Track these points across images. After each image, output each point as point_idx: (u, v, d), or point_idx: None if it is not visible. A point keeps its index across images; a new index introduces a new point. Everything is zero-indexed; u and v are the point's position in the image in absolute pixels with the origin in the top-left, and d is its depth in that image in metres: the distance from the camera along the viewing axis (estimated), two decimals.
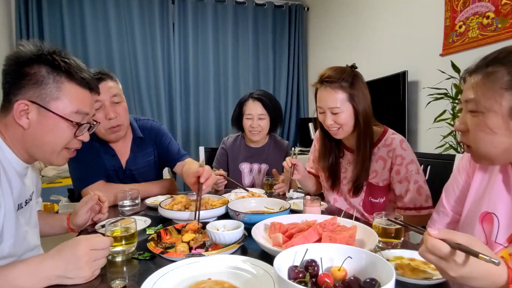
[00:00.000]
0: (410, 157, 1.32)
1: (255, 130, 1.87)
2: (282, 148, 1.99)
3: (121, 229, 0.89)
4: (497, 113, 0.74)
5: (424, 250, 0.62)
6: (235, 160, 1.97)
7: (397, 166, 1.32)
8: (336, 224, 0.93)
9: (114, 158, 1.53)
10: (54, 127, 0.87)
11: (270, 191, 1.64)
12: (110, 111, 1.40)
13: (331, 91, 1.31)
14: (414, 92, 2.66)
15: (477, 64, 0.79)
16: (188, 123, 4.23)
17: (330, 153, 1.49)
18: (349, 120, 1.33)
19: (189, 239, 0.92)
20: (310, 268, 0.63)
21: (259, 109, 1.86)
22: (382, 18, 3.08)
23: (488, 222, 0.84)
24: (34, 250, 0.98)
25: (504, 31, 1.99)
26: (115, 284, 0.69)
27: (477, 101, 0.76)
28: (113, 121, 1.41)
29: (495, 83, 0.73)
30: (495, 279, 0.60)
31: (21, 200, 0.89)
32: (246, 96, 1.94)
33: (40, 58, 0.86)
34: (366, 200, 1.39)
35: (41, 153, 0.90)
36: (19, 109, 0.83)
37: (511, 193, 0.82)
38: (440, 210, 1.03)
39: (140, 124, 1.63)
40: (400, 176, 1.31)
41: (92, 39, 3.75)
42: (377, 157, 1.37)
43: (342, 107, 1.31)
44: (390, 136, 1.37)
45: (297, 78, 4.59)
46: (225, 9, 4.25)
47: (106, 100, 1.40)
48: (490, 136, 0.76)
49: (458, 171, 1.00)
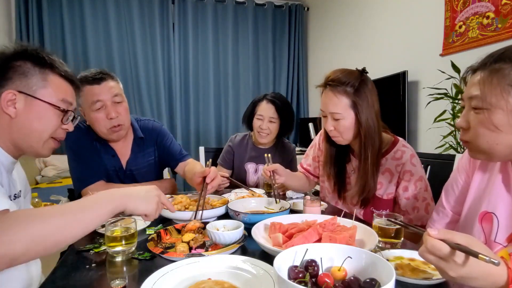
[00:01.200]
0: (419, 173, 1.25)
1: (263, 132, 1.86)
2: (289, 151, 1.99)
3: (121, 229, 0.89)
4: (503, 110, 0.73)
5: (423, 250, 0.62)
6: (241, 159, 1.97)
7: (405, 183, 1.25)
8: (336, 224, 0.93)
9: (114, 158, 1.53)
10: (42, 114, 0.90)
11: (270, 191, 1.64)
12: (111, 111, 1.40)
13: (334, 96, 1.23)
14: (414, 92, 2.66)
15: (482, 62, 0.78)
16: (188, 123, 4.23)
17: (336, 160, 1.40)
18: (350, 128, 1.25)
19: (189, 239, 0.92)
20: (310, 268, 0.63)
21: (271, 111, 1.84)
22: (382, 18, 3.08)
23: (488, 222, 0.84)
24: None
25: (504, 31, 1.99)
26: (115, 284, 0.69)
27: (483, 98, 0.75)
28: (114, 120, 1.41)
29: (503, 80, 0.72)
30: (495, 279, 0.60)
31: (10, 193, 0.89)
32: (261, 96, 1.92)
33: (25, 53, 0.89)
34: (368, 211, 1.33)
35: (28, 142, 0.90)
36: (6, 99, 0.85)
37: (511, 193, 0.82)
38: (440, 210, 1.03)
39: (141, 124, 1.63)
40: (408, 194, 1.25)
41: (92, 39, 3.75)
42: (384, 169, 1.29)
43: (344, 113, 1.23)
44: (400, 148, 1.29)
45: (297, 78, 4.60)
46: (225, 9, 4.25)
47: (108, 100, 1.40)
48: (494, 134, 0.75)
49: (457, 171, 0.99)
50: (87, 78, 1.40)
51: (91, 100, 1.38)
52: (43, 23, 3.60)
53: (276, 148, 1.98)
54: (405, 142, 1.32)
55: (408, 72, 2.60)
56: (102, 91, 1.39)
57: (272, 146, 1.98)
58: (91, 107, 1.39)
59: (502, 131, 0.74)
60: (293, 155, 2.00)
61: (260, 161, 1.95)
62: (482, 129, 0.77)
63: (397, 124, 2.61)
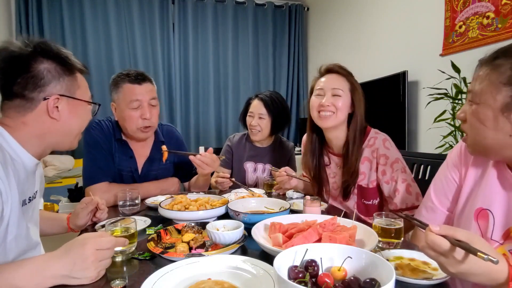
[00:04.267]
0: (394, 155, 1.30)
1: (254, 128, 1.89)
2: (287, 149, 2.01)
3: (121, 229, 0.89)
4: (489, 106, 0.74)
5: (424, 245, 0.63)
6: (239, 158, 1.99)
7: (382, 166, 1.30)
8: (336, 224, 0.93)
9: (131, 160, 1.55)
10: (81, 113, 0.97)
11: (270, 191, 1.64)
12: (147, 112, 1.46)
13: (337, 76, 1.36)
14: (414, 92, 2.65)
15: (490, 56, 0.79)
16: (188, 123, 4.23)
17: (315, 154, 1.49)
18: (345, 108, 1.34)
19: (189, 239, 0.92)
20: (310, 268, 0.63)
21: (260, 108, 1.88)
22: (382, 18, 3.08)
23: (483, 219, 0.84)
24: (36, 248, 0.99)
25: (504, 31, 1.99)
26: (115, 284, 0.69)
27: (477, 92, 0.77)
28: (147, 121, 1.47)
29: (498, 77, 0.73)
30: (495, 276, 0.61)
31: (25, 196, 0.90)
32: (254, 95, 1.98)
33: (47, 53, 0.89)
34: (360, 203, 1.38)
35: (66, 140, 0.96)
36: (52, 104, 0.88)
37: (506, 189, 0.82)
38: (428, 206, 1.01)
39: (163, 128, 1.69)
40: (387, 177, 1.29)
41: (92, 39, 3.75)
42: (363, 158, 1.35)
43: (344, 91, 1.33)
44: (372, 136, 1.36)
45: (297, 78, 4.60)
46: (225, 9, 4.25)
47: (145, 101, 1.46)
48: (481, 128, 0.77)
49: (447, 166, 0.98)
50: (129, 75, 1.45)
51: (129, 98, 1.43)
52: (43, 23, 3.60)
53: (274, 147, 2.00)
54: (377, 130, 1.40)
55: (408, 72, 2.60)
56: (142, 91, 1.45)
57: (271, 145, 2.00)
58: (128, 105, 1.44)
59: (486, 126, 0.76)
60: (291, 154, 2.01)
61: (259, 160, 1.96)
62: (473, 122, 0.79)
63: (397, 124, 2.61)
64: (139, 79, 1.45)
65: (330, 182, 1.48)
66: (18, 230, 0.86)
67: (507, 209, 0.80)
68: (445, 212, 0.98)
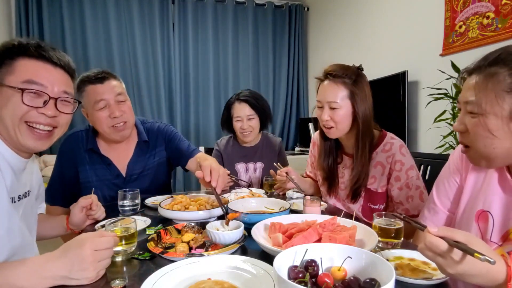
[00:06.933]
0: (409, 162, 1.29)
1: (246, 131, 1.89)
2: (275, 144, 2.02)
3: (121, 229, 0.89)
4: (497, 116, 0.73)
5: (422, 246, 0.63)
6: (230, 161, 1.98)
7: (397, 172, 1.29)
8: (336, 224, 0.93)
9: (110, 167, 1.50)
10: (7, 100, 0.85)
11: (270, 191, 1.64)
12: (115, 110, 1.40)
13: (332, 85, 1.29)
14: (414, 92, 2.65)
15: (477, 64, 0.78)
16: (188, 123, 4.23)
17: (329, 155, 1.46)
18: (346, 118, 1.30)
19: (189, 239, 0.92)
20: (310, 268, 0.63)
21: (247, 110, 1.87)
22: (382, 18, 3.08)
23: (484, 221, 0.84)
24: (32, 248, 0.98)
25: (504, 31, 1.99)
26: (115, 284, 0.69)
27: (478, 103, 0.75)
28: (118, 119, 1.42)
29: (498, 85, 0.72)
30: (493, 276, 0.61)
31: (14, 194, 0.89)
32: (233, 98, 1.94)
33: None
34: (365, 206, 1.37)
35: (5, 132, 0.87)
36: None
37: (506, 192, 0.82)
38: (431, 207, 1.02)
39: (146, 127, 1.63)
40: (401, 183, 1.28)
41: (92, 39, 3.75)
42: (376, 163, 1.33)
43: (341, 103, 1.28)
44: (389, 141, 1.33)
45: (297, 78, 4.59)
46: (225, 9, 4.25)
47: (111, 99, 1.40)
48: (490, 138, 0.75)
49: (449, 168, 0.99)
50: (89, 77, 1.39)
51: (94, 99, 1.38)
52: (43, 23, 3.60)
53: (262, 144, 2.01)
54: (393, 135, 1.37)
55: (408, 72, 2.60)
56: (105, 90, 1.39)
57: (258, 143, 2.01)
58: (94, 107, 1.39)
59: (497, 137, 0.74)
60: (280, 147, 2.02)
61: (249, 159, 1.97)
62: (479, 134, 0.77)
63: (397, 124, 2.61)
64: (100, 78, 1.39)
65: (339, 182, 1.46)
66: (9, 224, 0.86)
67: (506, 211, 0.80)
68: (447, 213, 0.98)
